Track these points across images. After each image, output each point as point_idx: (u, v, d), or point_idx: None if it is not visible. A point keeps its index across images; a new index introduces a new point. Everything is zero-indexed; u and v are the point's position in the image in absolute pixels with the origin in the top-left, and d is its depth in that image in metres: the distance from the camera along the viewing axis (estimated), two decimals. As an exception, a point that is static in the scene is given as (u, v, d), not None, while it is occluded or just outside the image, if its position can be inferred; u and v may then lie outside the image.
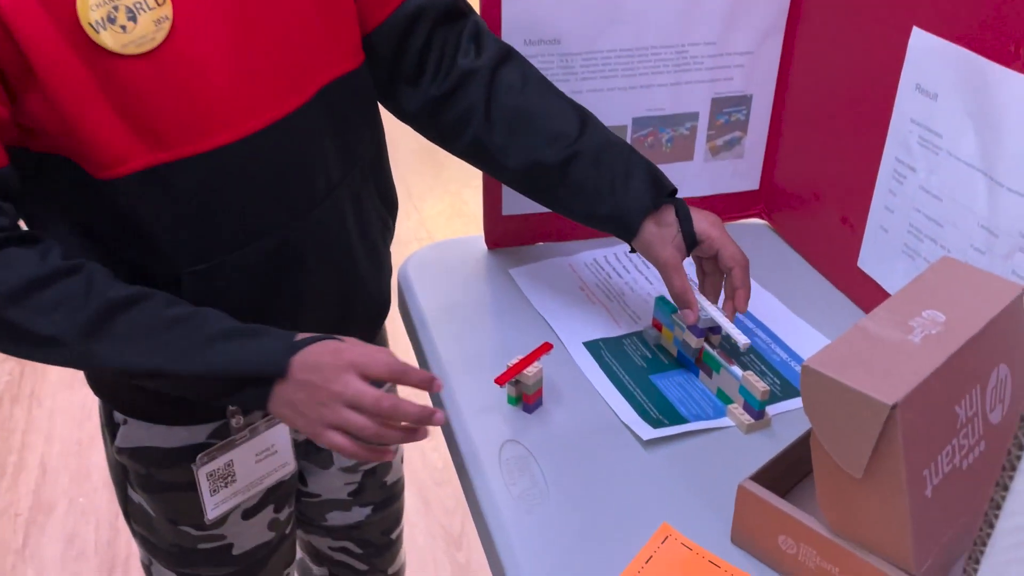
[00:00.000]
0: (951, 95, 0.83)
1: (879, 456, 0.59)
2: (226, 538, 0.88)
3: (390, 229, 0.93)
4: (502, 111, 0.86)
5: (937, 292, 0.67)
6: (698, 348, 0.89)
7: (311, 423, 0.69)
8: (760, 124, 1.12)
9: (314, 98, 0.75)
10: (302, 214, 0.76)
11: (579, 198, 0.87)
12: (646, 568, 0.69)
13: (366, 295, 0.87)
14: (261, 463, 0.85)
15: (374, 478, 1.02)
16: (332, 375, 0.68)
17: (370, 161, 0.86)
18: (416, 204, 3.06)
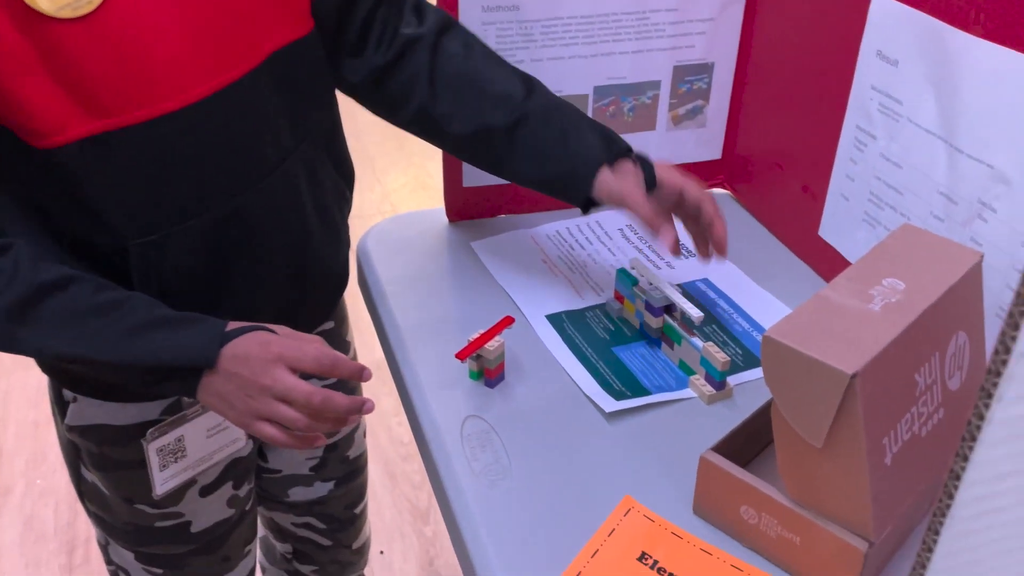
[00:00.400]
0: (912, 61, 0.82)
1: (839, 425, 0.58)
2: (184, 516, 0.86)
3: (348, 201, 0.91)
4: (446, 78, 0.85)
5: (897, 260, 0.67)
6: (659, 321, 0.89)
7: (240, 414, 0.68)
8: (722, 93, 1.11)
9: (263, 64, 0.72)
10: (252, 184, 0.74)
11: (530, 159, 0.86)
12: (608, 541, 0.69)
13: (323, 267, 0.85)
14: (212, 438, 0.83)
15: (336, 452, 1.00)
16: (260, 368, 0.67)
17: (324, 131, 0.84)
18: (379, 177, 3.02)
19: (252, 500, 0.94)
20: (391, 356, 0.92)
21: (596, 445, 0.79)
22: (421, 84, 0.86)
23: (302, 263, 0.82)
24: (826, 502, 0.62)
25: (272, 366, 0.67)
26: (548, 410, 0.82)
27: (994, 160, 0.75)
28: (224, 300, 0.76)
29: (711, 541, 0.69)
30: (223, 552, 0.91)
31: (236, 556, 0.92)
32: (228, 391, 0.68)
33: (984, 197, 0.76)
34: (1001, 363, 0.31)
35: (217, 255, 0.74)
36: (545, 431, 0.80)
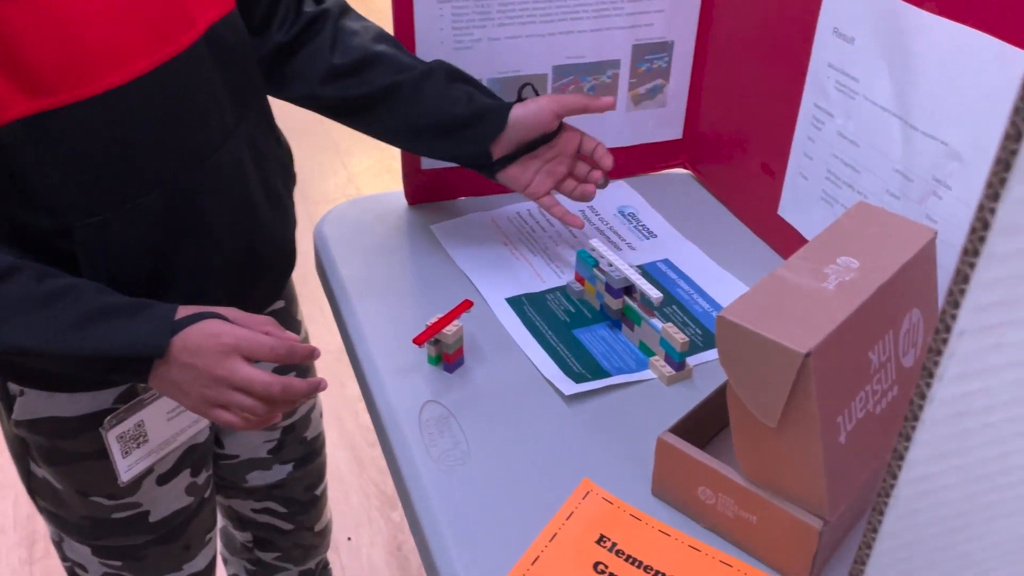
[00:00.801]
0: (867, 38, 0.82)
1: (793, 405, 0.58)
2: (141, 505, 0.84)
3: (291, 175, 0.89)
4: (349, 52, 0.88)
5: (852, 238, 0.67)
6: (619, 303, 0.88)
7: (195, 403, 0.68)
8: (682, 72, 1.11)
9: (203, 37, 0.71)
10: (198, 161, 0.72)
11: (437, 105, 0.88)
12: (567, 524, 0.68)
13: (272, 245, 0.84)
14: (173, 421, 0.81)
15: (293, 434, 0.99)
16: (214, 360, 0.66)
17: (263, 105, 0.83)
18: (343, 160, 2.98)
19: (211, 487, 0.93)
20: (348, 342, 0.90)
21: (556, 428, 0.78)
22: (324, 57, 0.87)
23: (251, 242, 0.80)
24: (781, 481, 0.62)
25: (227, 357, 0.66)
26: (508, 394, 0.82)
27: (948, 137, 0.75)
28: (174, 282, 0.74)
29: (670, 522, 0.69)
30: (183, 541, 0.89)
31: (196, 545, 0.91)
32: (182, 381, 0.67)
33: (938, 174, 0.77)
34: (942, 342, 0.30)
35: (165, 235, 0.72)
36: (504, 415, 0.79)
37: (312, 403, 1.01)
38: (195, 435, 0.85)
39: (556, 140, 0.92)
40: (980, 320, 0.30)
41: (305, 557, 1.09)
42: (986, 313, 0.30)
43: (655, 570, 0.65)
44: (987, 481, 0.36)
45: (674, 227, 1.07)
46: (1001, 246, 0.28)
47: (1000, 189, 0.27)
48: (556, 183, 0.94)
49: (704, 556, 0.66)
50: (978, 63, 0.70)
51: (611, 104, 0.91)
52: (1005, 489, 0.37)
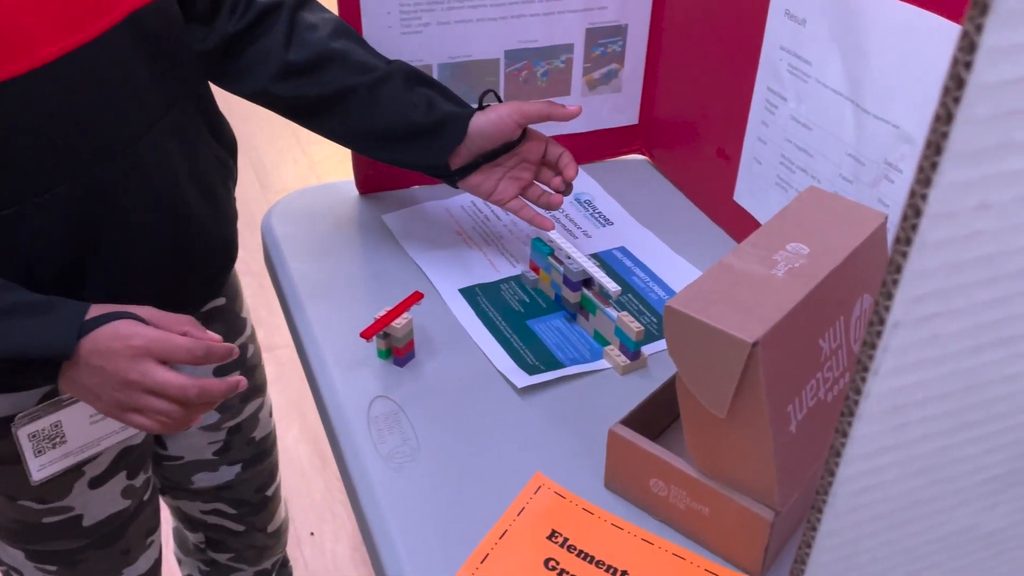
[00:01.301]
0: (818, 20, 0.81)
1: (742, 395, 0.57)
2: (74, 509, 0.81)
3: (231, 170, 0.86)
4: (304, 47, 0.84)
5: (802, 223, 0.66)
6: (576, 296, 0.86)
7: (108, 407, 0.65)
8: (637, 56, 1.09)
9: (123, 23, 0.67)
10: (117, 153, 0.69)
11: (395, 111, 0.85)
12: (518, 520, 0.67)
13: (204, 242, 0.80)
14: (97, 424, 0.78)
15: (240, 435, 0.96)
16: (126, 364, 0.63)
17: (196, 97, 0.79)
18: (304, 148, 2.93)
19: (151, 489, 0.90)
20: (296, 336, 0.88)
21: (508, 422, 0.77)
22: (278, 52, 0.83)
23: (181, 238, 0.77)
24: (732, 472, 0.61)
25: (139, 361, 0.63)
26: (460, 388, 0.80)
27: (899, 120, 0.74)
28: (93, 279, 0.71)
29: (623, 515, 0.68)
30: (121, 545, 0.86)
31: (136, 548, 0.88)
32: (93, 384, 0.64)
33: (890, 157, 0.76)
34: (876, 335, 0.29)
35: (82, 230, 0.69)
36: (456, 410, 0.78)
37: (260, 402, 0.98)
38: (131, 437, 0.82)
39: (519, 147, 0.89)
40: (915, 312, 0.29)
41: (259, 558, 1.07)
42: (921, 304, 0.28)
43: (607, 565, 0.64)
44: (927, 475, 0.35)
45: (630, 214, 1.05)
46: (934, 234, 0.27)
47: (932, 174, 0.25)
48: (521, 189, 0.90)
49: (657, 549, 0.65)
50: (927, 43, 0.69)
51: (576, 112, 0.88)
52: (946, 483, 0.36)
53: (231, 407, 0.94)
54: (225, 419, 0.94)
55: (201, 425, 0.93)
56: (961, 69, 0.24)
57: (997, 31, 0.23)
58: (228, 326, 0.91)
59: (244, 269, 0.94)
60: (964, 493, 0.37)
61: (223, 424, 0.94)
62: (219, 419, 0.93)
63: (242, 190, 0.90)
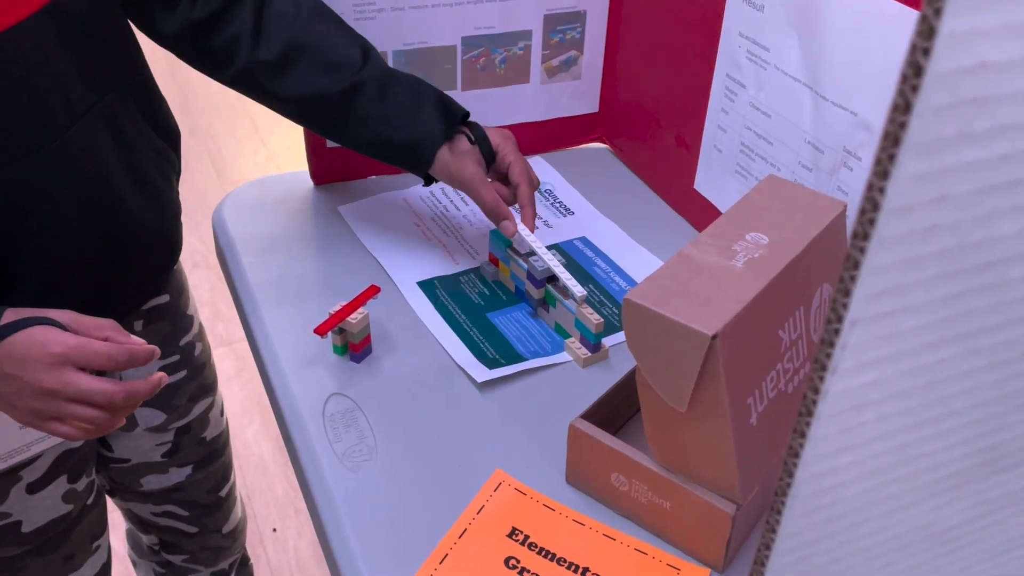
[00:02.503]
0: (776, 6, 0.80)
1: (702, 388, 0.56)
2: (11, 515, 0.78)
3: (172, 162, 0.82)
4: (273, 40, 0.80)
5: (761, 213, 0.65)
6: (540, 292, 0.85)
7: (24, 415, 0.63)
8: (596, 42, 1.07)
9: (42, 11, 0.63)
10: (40, 146, 0.65)
11: (365, 128, 0.82)
12: (477, 519, 0.66)
13: (144, 237, 0.77)
14: (26, 429, 0.75)
15: (189, 436, 0.93)
16: (43, 372, 0.60)
17: (132, 86, 0.75)
18: (263, 137, 2.87)
19: (95, 493, 0.87)
20: (249, 332, 0.85)
21: (468, 418, 0.75)
22: (244, 44, 0.80)
23: (116, 236, 0.74)
24: (693, 466, 0.61)
25: (56, 368, 0.60)
26: (418, 384, 0.78)
27: (857, 106, 0.74)
28: (21, 279, 0.68)
29: (584, 511, 0.67)
30: (64, 551, 0.83)
31: (82, 553, 0.85)
32: (8, 392, 0.61)
33: (849, 145, 0.75)
34: (834, 332, 0.28)
35: (5, 228, 0.66)
36: (414, 406, 0.76)
37: (210, 401, 0.95)
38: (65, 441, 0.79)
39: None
40: (873, 308, 0.28)
41: (215, 559, 1.04)
42: (879, 301, 0.27)
43: (568, 562, 0.63)
44: (885, 473, 0.34)
45: (591, 204, 1.04)
46: (892, 229, 0.26)
47: (889, 166, 0.24)
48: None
49: (618, 545, 0.64)
50: (884, 29, 0.69)
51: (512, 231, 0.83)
52: (903, 481, 0.35)
53: (178, 407, 0.91)
54: (172, 419, 0.91)
55: (147, 426, 0.89)
56: (919, 56, 0.23)
57: (957, 15, 0.22)
58: (172, 324, 0.88)
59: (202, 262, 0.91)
60: (921, 491, 0.36)
61: (170, 425, 0.91)
62: (166, 420, 0.90)
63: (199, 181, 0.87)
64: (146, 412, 0.88)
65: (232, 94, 0.87)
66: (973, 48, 0.23)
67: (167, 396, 0.89)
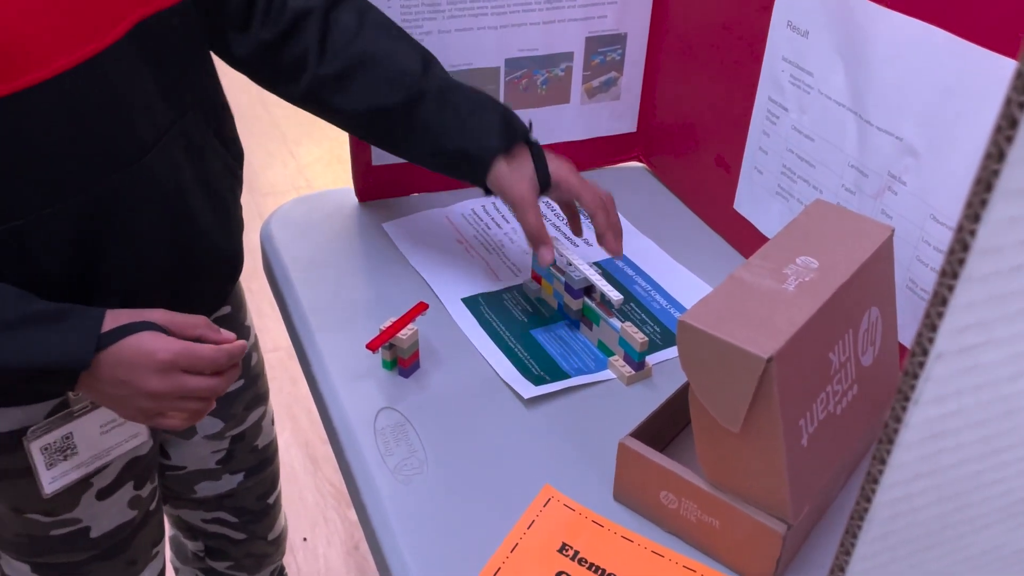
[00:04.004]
0: (821, 32, 0.81)
1: (755, 409, 0.57)
2: (81, 521, 0.80)
3: (238, 178, 0.85)
4: (339, 54, 0.82)
5: (810, 237, 0.66)
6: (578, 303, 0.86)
7: (133, 415, 0.67)
8: (636, 64, 1.09)
9: (129, 34, 0.66)
10: (126, 164, 0.68)
11: (426, 137, 0.84)
12: (528, 534, 0.67)
13: (213, 251, 0.80)
14: (108, 434, 0.78)
15: (243, 443, 0.96)
16: (153, 378, 0.65)
17: (207, 106, 0.78)
18: (292, 150, 2.91)
19: (156, 500, 0.89)
20: (299, 346, 0.87)
21: (515, 433, 0.77)
22: (311, 60, 0.82)
23: (189, 249, 0.76)
24: (744, 485, 0.62)
25: (165, 375, 0.65)
26: (465, 399, 0.80)
27: (902, 132, 0.75)
28: (102, 290, 0.70)
29: (632, 527, 0.68)
30: (128, 556, 0.85)
31: (143, 559, 0.87)
32: (116, 395, 0.65)
33: (893, 169, 0.77)
34: (918, 365, 0.29)
35: (90, 242, 0.68)
36: (463, 421, 0.77)
37: (263, 410, 0.98)
38: (137, 447, 0.81)
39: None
40: (958, 342, 0.29)
41: (258, 566, 1.06)
42: (963, 335, 0.29)
43: (619, 578, 0.64)
44: (960, 499, 0.35)
45: (630, 222, 1.05)
46: (980, 268, 0.27)
47: (981, 210, 0.26)
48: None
49: (667, 561, 0.65)
50: (930, 57, 0.70)
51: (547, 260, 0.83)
52: (977, 505, 0.36)
53: (234, 415, 0.93)
54: (229, 427, 0.93)
55: (205, 434, 0.92)
56: (1015, 109, 0.24)
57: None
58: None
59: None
60: (993, 515, 0.37)
61: (227, 433, 0.93)
62: (223, 428, 0.93)
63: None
64: (205, 420, 0.91)
65: (260, 106, 0.90)
66: (1066, 101, 0.24)
67: (225, 405, 0.92)
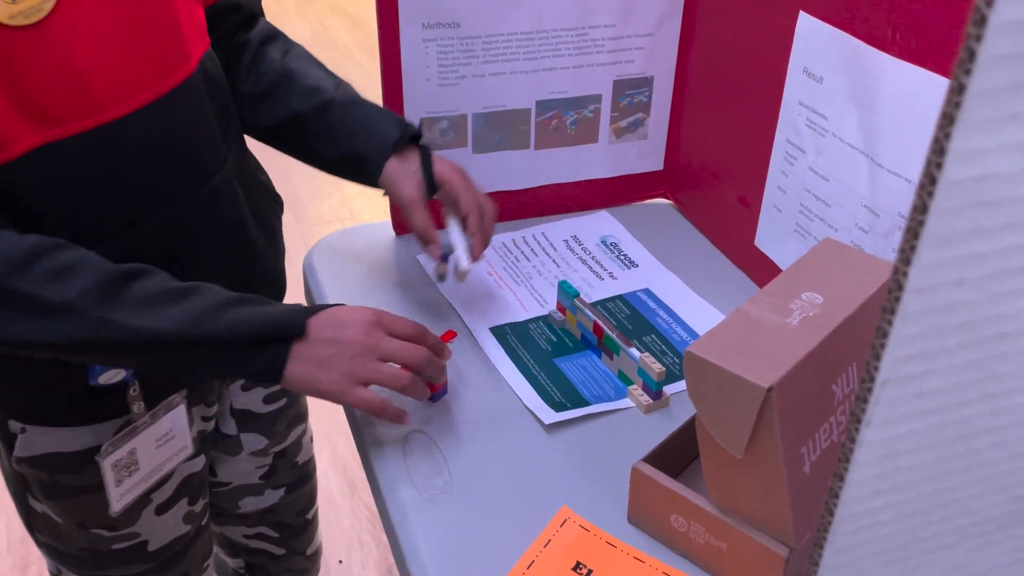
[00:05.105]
0: (835, 78, 0.85)
1: (757, 437, 0.61)
2: (140, 535, 0.86)
3: (280, 203, 0.92)
4: (262, 76, 0.90)
5: (817, 274, 0.70)
6: (592, 326, 0.90)
7: (340, 378, 0.71)
8: (662, 106, 1.14)
9: (197, 69, 0.75)
10: (194, 190, 0.76)
11: (328, 140, 0.90)
12: (544, 552, 0.71)
13: (265, 275, 0.87)
14: (161, 448, 0.83)
15: (285, 459, 1.01)
16: (360, 332, 0.72)
17: (241, 134, 0.86)
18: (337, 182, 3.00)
19: (207, 516, 0.94)
20: (336, 371, 0.93)
21: (535, 456, 0.80)
22: (240, 82, 0.89)
23: (245, 270, 0.83)
24: (749, 510, 0.65)
25: (372, 329, 0.72)
26: (490, 423, 0.84)
27: (912, 174, 0.78)
28: None
29: (644, 549, 0.71)
30: (180, 568, 0.91)
31: (195, 572, 0.93)
32: (326, 356, 0.71)
33: (903, 210, 0.80)
34: (868, 390, 0.33)
35: (160, 262, 0.75)
36: (486, 444, 0.82)
37: (303, 428, 1.03)
38: (191, 464, 0.87)
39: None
40: (901, 371, 0.32)
41: (296, 582, 1.11)
42: (907, 364, 0.32)
43: (629, 596, 0.67)
44: (921, 516, 0.38)
45: (655, 256, 1.09)
46: (916, 305, 0.31)
47: (911, 255, 0.30)
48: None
49: (677, 582, 0.68)
50: (935, 103, 0.73)
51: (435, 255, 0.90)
52: (939, 523, 0.39)
53: (278, 432, 0.99)
54: (273, 444, 0.99)
55: (251, 451, 0.97)
56: (934, 169, 0.28)
57: (965, 137, 0.28)
58: None
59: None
60: (957, 533, 0.40)
61: (270, 449, 0.99)
62: (267, 444, 0.98)
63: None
64: (251, 437, 0.97)
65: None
66: (981, 162, 0.28)
67: (270, 422, 0.97)
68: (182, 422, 0.85)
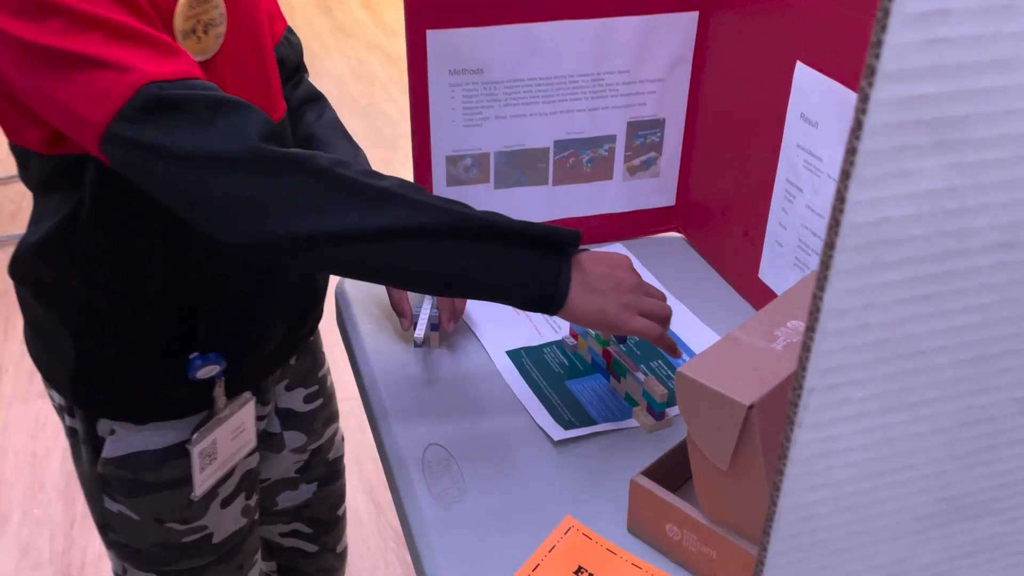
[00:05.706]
0: (828, 123, 0.92)
1: (741, 450, 0.67)
2: (208, 528, 0.93)
3: None
4: (296, 137, 1.00)
5: (802, 303, 0.76)
6: (602, 351, 0.97)
7: (618, 307, 0.78)
8: (673, 145, 1.21)
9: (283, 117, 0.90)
10: None
11: None
12: (549, 557, 0.77)
13: (317, 288, 0.98)
14: (234, 440, 0.91)
15: (320, 455, 1.10)
16: (627, 273, 0.80)
17: None
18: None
19: (258, 511, 1.02)
20: (363, 390, 1.00)
21: (544, 470, 0.87)
22: None
23: (310, 289, 0.95)
24: (735, 519, 0.70)
25: (633, 271, 0.81)
26: (504, 438, 0.91)
27: (897, 213, 0.84)
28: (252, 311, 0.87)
29: (643, 556, 0.77)
30: (238, 560, 0.98)
31: (248, 564, 1.00)
32: (606, 289, 0.78)
33: (891, 246, 0.85)
34: (797, 396, 0.39)
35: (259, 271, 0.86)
36: (499, 457, 0.88)
37: (335, 427, 1.12)
38: (248, 460, 0.95)
39: None
40: (824, 381, 0.39)
41: (326, 581, 1.18)
42: (829, 375, 0.39)
43: (626, 598, 0.73)
44: (859, 511, 0.44)
45: (666, 288, 1.16)
46: (831, 325, 0.37)
47: (825, 283, 0.36)
48: None
49: (670, 587, 0.74)
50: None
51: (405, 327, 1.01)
52: (876, 519, 0.45)
53: (315, 430, 1.07)
54: (310, 441, 1.07)
55: (291, 447, 1.06)
56: (838, 214, 0.35)
57: (861, 190, 0.34)
58: (314, 358, 1.07)
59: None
60: (896, 528, 0.46)
61: (308, 446, 1.08)
62: (305, 442, 1.07)
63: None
64: (293, 435, 1.05)
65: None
66: (876, 208, 0.35)
67: (310, 420, 1.06)
68: (251, 417, 0.93)
